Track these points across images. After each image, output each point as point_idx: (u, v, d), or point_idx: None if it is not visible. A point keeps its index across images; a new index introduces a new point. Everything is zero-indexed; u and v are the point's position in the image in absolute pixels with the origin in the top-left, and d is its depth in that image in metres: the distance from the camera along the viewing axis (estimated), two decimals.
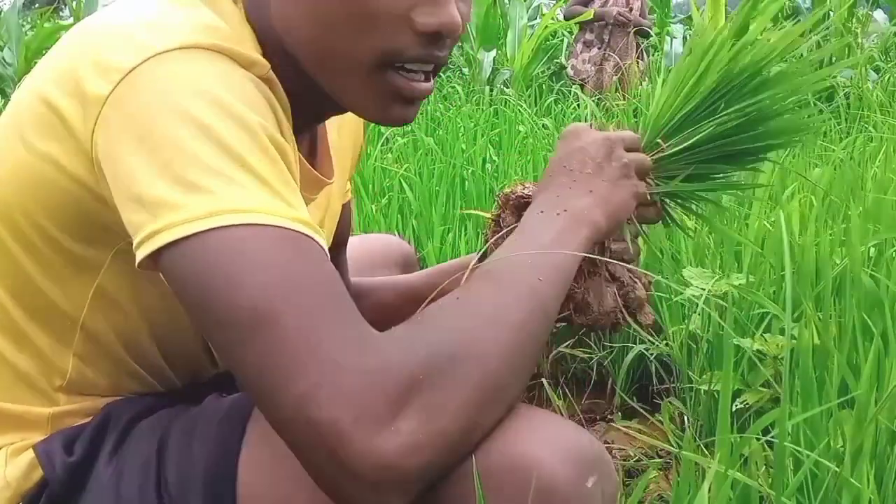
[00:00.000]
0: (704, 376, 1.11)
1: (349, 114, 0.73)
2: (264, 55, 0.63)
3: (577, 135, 0.72)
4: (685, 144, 0.73)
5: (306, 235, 0.54)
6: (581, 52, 4.71)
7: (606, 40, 4.62)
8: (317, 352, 0.50)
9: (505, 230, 0.71)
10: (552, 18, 5.75)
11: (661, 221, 0.77)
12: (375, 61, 0.61)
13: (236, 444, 0.63)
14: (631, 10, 4.63)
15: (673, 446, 0.90)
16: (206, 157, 0.54)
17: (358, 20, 0.59)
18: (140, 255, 0.54)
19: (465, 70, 5.77)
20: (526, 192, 0.72)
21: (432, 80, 0.66)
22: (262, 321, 0.51)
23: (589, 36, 4.72)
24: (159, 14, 0.62)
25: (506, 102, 3.31)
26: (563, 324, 1.07)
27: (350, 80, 0.63)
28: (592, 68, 4.59)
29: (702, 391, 1.08)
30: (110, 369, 0.70)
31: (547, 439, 0.54)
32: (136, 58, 0.57)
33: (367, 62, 0.61)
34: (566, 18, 4.92)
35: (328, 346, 0.51)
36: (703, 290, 1.04)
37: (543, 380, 1.19)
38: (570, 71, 4.74)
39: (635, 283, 0.72)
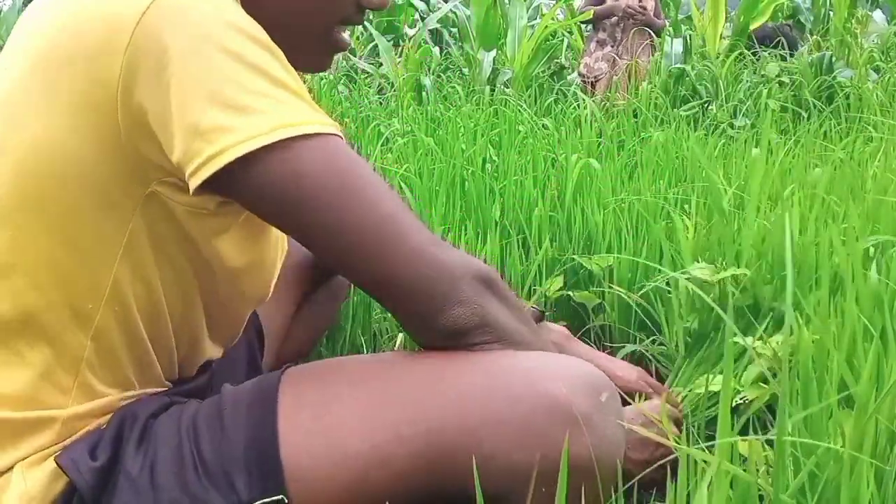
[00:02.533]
0: (703, 376, 1.10)
1: None
2: None
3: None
4: None
5: (350, 143, 0.66)
6: (594, 51, 4.67)
7: (619, 38, 4.59)
8: (414, 222, 0.66)
9: None
10: (552, 18, 5.74)
11: None
12: (333, 25, 0.77)
13: (272, 414, 0.67)
14: (645, 8, 4.59)
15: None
16: (250, 82, 0.61)
17: None
18: (201, 177, 0.60)
19: (465, 70, 5.76)
20: None
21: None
22: (362, 198, 0.64)
23: (602, 35, 4.69)
24: None
25: (506, 102, 3.31)
26: (563, 324, 1.10)
27: (310, 38, 0.76)
28: (605, 66, 4.57)
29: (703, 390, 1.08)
30: (124, 351, 0.71)
31: (560, 372, 0.66)
32: (142, 3, 0.61)
33: (328, 25, 0.77)
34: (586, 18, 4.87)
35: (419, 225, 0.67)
36: (703, 277, 1.06)
37: None
38: (582, 69, 4.69)
39: None
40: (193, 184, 0.61)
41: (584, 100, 3.25)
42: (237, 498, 0.64)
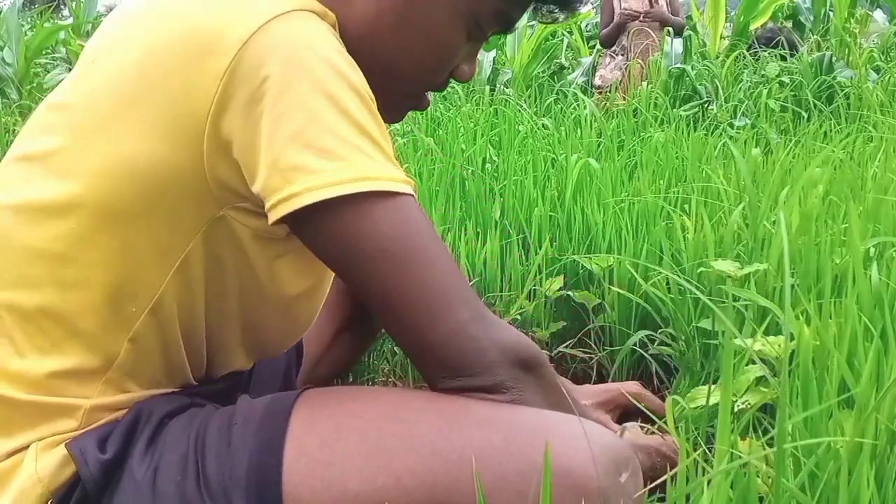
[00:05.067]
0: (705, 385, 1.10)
1: None
2: None
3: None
4: None
5: (413, 196, 0.65)
6: (608, 63, 4.75)
7: (628, 46, 4.64)
8: (464, 295, 0.65)
9: None
10: None
11: None
12: (426, 89, 0.78)
13: (280, 437, 0.66)
14: (651, 5, 4.62)
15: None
16: (338, 128, 0.62)
17: (437, 63, 0.76)
18: (277, 214, 0.62)
19: None
20: None
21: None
22: (418, 268, 0.64)
23: (615, 46, 4.76)
24: None
25: (506, 102, 3.31)
26: (563, 324, 1.08)
27: (401, 95, 0.77)
28: (619, 73, 4.61)
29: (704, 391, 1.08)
30: (158, 354, 0.72)
31: (582, 441, 0.62)
32: (247, 28, 0.61)
33: (422, 89, 0.78)
34: (602, 43, 4.92)
35: (468, 294, 0.66)
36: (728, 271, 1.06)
37: None
38: (598, 80, 4.75)
39: None
40: (271, 217, 0.62)
41: (583, 100, 3.25)
42: None
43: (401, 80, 0.75)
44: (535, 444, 0.62)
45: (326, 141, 0.61)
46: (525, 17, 0.87)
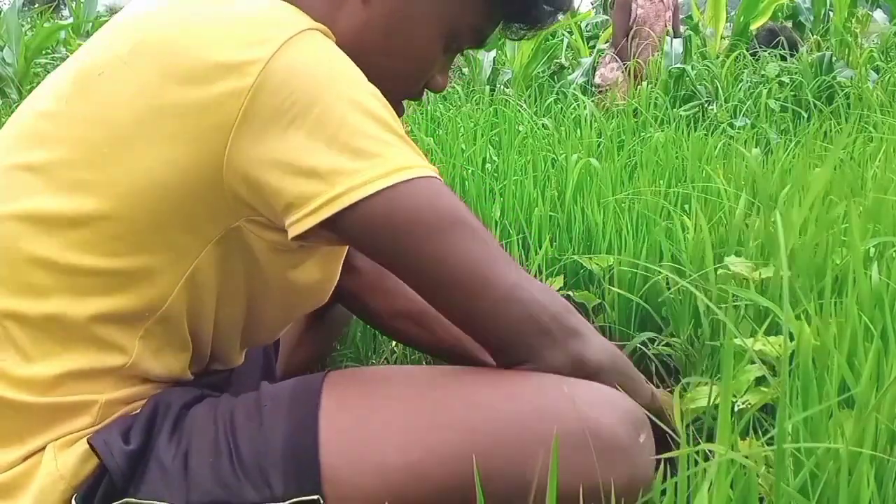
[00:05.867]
0: (705, 376, 1.10)
1: None
2: None
3: None
4: None
5: (440, 179, 0.68)
6: (609, 62, 4.80)
7: (631, 51, 4.72)
8: (505, 261, 0.69)
9: None
10: None
11: None
12: (402, 97, 0.82)
13: (313, 416, 0.67)
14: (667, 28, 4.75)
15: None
16: (366, 128, 0.65)
17: (415, 72, 0.80)
18: (319, 217, 0.63)
19: (465, 70, 5.77)
20: None
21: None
22: (461, 242, 0.67)
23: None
24: (247, 6, 0.69)
25: (506, 102, 3.31)
26: None
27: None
28: (620, 74, 4.66)
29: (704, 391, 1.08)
30: (167, 350, 0.73)
31: (607, 406, 0.67)
32: (267, 49, 0.64)
33: (399, 97, 0.80)
34: (619, 56, 4.98)
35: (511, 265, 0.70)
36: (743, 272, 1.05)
37: None
38: (597, 79, 4.81)
39: None
40: (307, 223, 0.64)
41: (583, 100, 3.25)
42: (271, 494, 0.64)
43: (390, 87, 0.77)
44: (563, 409, 0.66)
45: (358, 142, 0.64)
46: None
